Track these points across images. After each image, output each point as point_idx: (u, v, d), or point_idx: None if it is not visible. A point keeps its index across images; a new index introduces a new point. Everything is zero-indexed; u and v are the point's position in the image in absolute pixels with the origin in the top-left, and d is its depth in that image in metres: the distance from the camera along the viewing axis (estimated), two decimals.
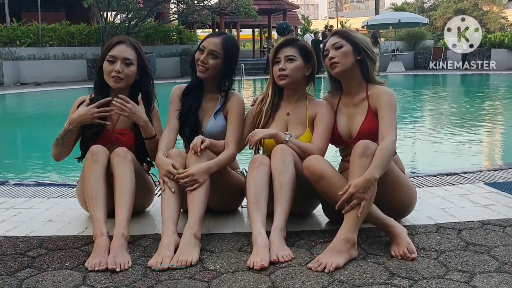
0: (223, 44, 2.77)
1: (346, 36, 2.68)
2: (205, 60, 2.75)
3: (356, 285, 1.99)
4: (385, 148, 2.40)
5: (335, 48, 2.66)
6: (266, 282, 2.03)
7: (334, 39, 2.69)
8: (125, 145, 2.74)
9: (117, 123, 2.82)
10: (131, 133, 2.81)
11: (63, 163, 3.07)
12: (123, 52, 2.72)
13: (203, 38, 2.87)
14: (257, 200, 2.43)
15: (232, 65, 2.84)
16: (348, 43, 2.66)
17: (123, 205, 2.44)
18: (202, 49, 2.78)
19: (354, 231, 2.28)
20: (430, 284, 1.98)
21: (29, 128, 9.39)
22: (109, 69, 2.70)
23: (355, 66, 2.68)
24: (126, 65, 2.71)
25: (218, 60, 2.76)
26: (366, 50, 2.68)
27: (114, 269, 2.15)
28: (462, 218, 2.76)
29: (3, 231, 2.69)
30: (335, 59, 2.64)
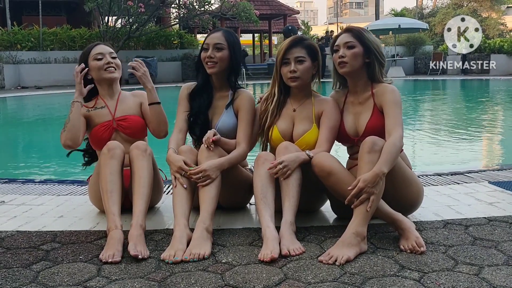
0: (225, 35, 2.83)
1: (360, 37, 2.69)
2: (212, 55, 2.79)
3: (367, 277, 2.03)
4: (392, 143, 2.44)
5: (347, 47, 2.68)
6: (279, 274, 2.07)
7: (347, 37, 2.71)
8: (129, 131, 2.92)
9: (115, 113, 2.95)
10: (132, 117, 2.96)
11: (68, 160, 3.12)
12: (105, 48, 2.98)
13: (204, 39, 2.92)
14: (264, 195, 2.47)
15: (237, 55, 2.87)
16: (360, 45, 2.68)
17: (141, 197, 2.48)
18: (206, 48, 2.82)
19: (364, 225, 2.32)
20: (440, 276, 2.01)
21: (30, 129, 9.42)
22: (100, 64, 2.92)
23: (363, 67, 2.73)
24: (113, 58, 2.97)
25: (225, 52, 2.80)
26: (376, 54, 2.70)
27: (136, 255, 2.19)
28: (468, 215, 2.80)
29: (15, 226, 2.72)
30: (344, 59, 2.67)
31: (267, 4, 25.07)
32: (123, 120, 2.94)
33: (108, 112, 2.96)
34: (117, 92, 3.04)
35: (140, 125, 2.96)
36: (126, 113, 2.98)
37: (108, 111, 2.96)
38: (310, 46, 2.81)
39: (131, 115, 2.97)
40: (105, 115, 2.95)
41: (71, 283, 2.02)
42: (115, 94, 3.02)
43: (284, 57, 2.77)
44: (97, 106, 2.97)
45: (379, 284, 1.96)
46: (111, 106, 2.98)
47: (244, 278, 2.04)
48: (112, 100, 3.00)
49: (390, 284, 1.96)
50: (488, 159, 5.87)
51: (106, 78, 2.93)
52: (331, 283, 1.99)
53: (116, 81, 3.01)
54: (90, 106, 2.97)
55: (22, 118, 11.86)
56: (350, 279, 2.02)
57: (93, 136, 2.93)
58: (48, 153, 6.77)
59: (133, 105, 3.02)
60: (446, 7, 40.63)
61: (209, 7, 20.13)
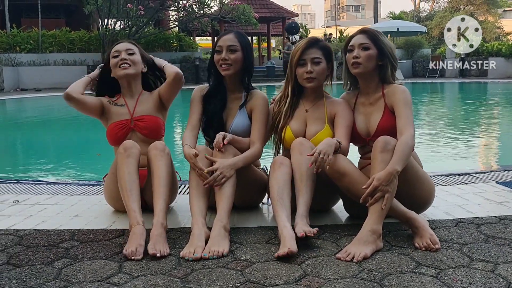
0: (237, 37, 2.86)
1: (375, 40, 2.73)
2: (226, 57, 2.81)
3: (385, 274, 2.07)
4: (405, 142, 2.49)
5: (362, 48, 2.72)
6: (298, 271, 2.10)
7: (363, 39, 2.75)
8: (146, 131, 2.94)
9: (134, 112, 2.98)
10: (149, 117, 2.99)
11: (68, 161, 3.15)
12: (124, 45, 3.01)
13: (216, 41, 2.93)
14: (280, 197, 2.51)
15: (250, 56, 2.91)
16: (374, 47, 2.72)
17: (161, 196, 2.52)
18: (219, 50, 2.84)
19: (379, 223, 2.36)
20: (457, 273, 2.05)
21: (30, 131, 9.43)
22: (115, 61, 2.95)
23: (375, 69, 2.77)
24: (129, 54, 2.97)
25: (238, 53, 2.83)
26: (390, 58, 2.75)
27: (154, 254, 2.23)
28: (479, 214, 2.85)
29: (33, 225, 2.75)
30: (358, 60, 2.71)
31: (266, 7, 25.15)
32: (141, 120, 2.97)
33: (127, 111, 2.99)
34: (138, 92, 3.05)
35: (157, 125, 2.99)
36: (144, 113, 3.00)
37: (127, 110, 3.00)
38: (326, 47, 2.85)
39: (148, 115, 2.99)
40: (124, 113, 2.99)
41: (94, 279, 2.05)
42: (135, 93, 3.04)
43: (300, 58, 2.80)
44: (117, 102, 3.03)
45: (397, 280, 2.00)
46: (130, 105, 3.01)
47: (264, 274, 2.07)
48: (132, 99, 3.03)
49: (409, 280, 2.00)
50: (494, 160, 5.93)
51: (120, 75, 2.96)
52: (350, 279, 2.03)
53: (133, 78, 3.00)
54: (113, 99, 3.04)
55: (21, 119, 11.87)
56: (368, 275, 2.06)
57: (109, 132, 2.98)
58: (47, 155, 6.80)
59: (152, 106, 3.03)
60: (443, 11, 40.82)
61: (208, 10, 20.19)
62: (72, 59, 20.63)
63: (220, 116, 2.90)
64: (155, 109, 3.04)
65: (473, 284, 1.95)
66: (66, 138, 8.48)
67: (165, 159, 2.65)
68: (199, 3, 19.91)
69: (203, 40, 38.01)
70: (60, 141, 8.12)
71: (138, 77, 3.04)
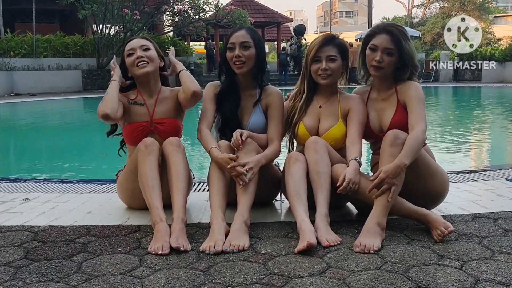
0: (249, 33, 2.83)
1: (399, 45, 2.69)
2: (240, 54, 2.78)
3: (409, 266, 2.06)
4: (415, 136, 2.49)
5: (386, 53, 2.69)
6: (321, 263, 2.09)
7: (388, 43, 2.69)
8: (165, 134, 2.82)
9: (154, 113, 2.88)
10: (169, 121, 2.88)
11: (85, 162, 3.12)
12: (138, 41, 2.89)
13: (228, 37, 2.88)
14: (297, 192, 2.50)
15: (263, 52, 2.89)
16: (397, 52, 2.70)
17: (180, 191, 2.50)
18: (232, 47, 2.81)
19: (384, 216, 2.39)
20: (481, 265, 2.05)
21: (25, 133, 9.37)
22: (131, 60, 2.83)
23: (393, 71, 2.77)
24: (144, 50, 2.84)
25: (252, 50, 2.80)
26: (410, 63, 2.73)
27: (178, 247, 2.21)
28: (494, 209, 2.85)
29: (47, 222, 2.72)
30: (381, 64, 2.70)
31: (261, 12, 25.19)
32: (161, 124, 2.86)
33: (147, 111, 2.87)
34: (157, 90, 2.93)
35: (176, 129, 2.90)
36: (164, 115, 2.89)
37: (147, 110, 2.88)
38: (341, 45, 2.85)
39: (169, 119, 2.89)
40: (143, 114, 2.87)
41: (116, 272, 2.03)
42: (154, 92, 2.92)
43: (315, 55, 2.80)
44: (136, 101, 2.90)
45: (422, 272, 1.99)
46: (150, 105, 2.89)
47: (287, 267, 2.06)
48: (151, 98, 2.91)
49: (434, 272, 1.99)
50: (501, 159, 5.97)
51: (139, 75, 2.83)
52: (375, 271, 2.02)
53: (152, 75, 2.87)
54: (131, 98, 2.90)
55: (15, 123, 11.78)
56: (392, 267, 2.05)
57: (128, 133, 2.88)
58: (52, 156, 6.76)
59: (171, 106, 2.92)
60: (435, 17, 41.01)
61: (204, 14, 20.18)
62: (67, 64, 20.52)
63: (236, 115, 2.87)
64: (174, 110, 2.91)
65: (498, 275, 1.95)
66: (68, 140, 8.44)
67: (181, 155, 2.63)
68: (195, 7, 19.91)
69: (196, 46, 37.99)
70: (63, 143, 8.07)
71: (157, 73, 2.92)
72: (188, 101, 2.83)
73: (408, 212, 2.50)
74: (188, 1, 19.90)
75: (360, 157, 2.67)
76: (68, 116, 12.75)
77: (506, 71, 21.54)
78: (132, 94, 2.93)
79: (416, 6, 45.39)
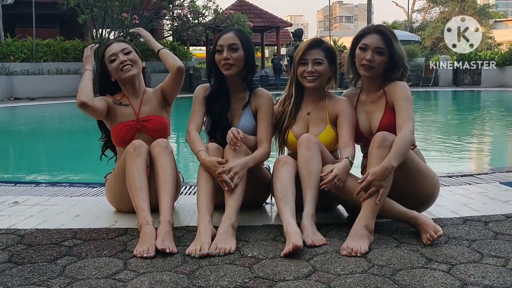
0: (237, 35, 2.81)
1: (390, 46, 2.68)
2: (228, 56, 2.75)
3: (396, 269, 2.04)
4: (402, 137, 2.47)
5: (377, 52, 2.68)
6: (307, 266, 2.07)
7: (379, 42, 2.68)
8: (153, 132, 2.85)
9: (139, 113, 2.89)
10: (156, 117, 2.90)
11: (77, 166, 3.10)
12: (118, 46, 2.89)
13: (216, 40, 2.85)
14: (284, 195, 2.48)
15: (252, 54, 2.86)
16: (388, 53, 2.68)
17: (167, 194, 2.48)
18: (220, 49, 2.78)
19: (372, 219, 2.36)
20: (469, 268, 2.03)
21: (23, 137, 9.36)
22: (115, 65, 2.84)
23: (383, 71, 2.75)
24: (126, 54, 2.87)
25: (240, 52, 2.77)
26: (400, 64, 2.71)
27: (164, 249, 2.19)
28: (486, 212, 2.82)
29: (33, 225, 2.70)
30: (372, 64, 2.68)
31: (260, 17, 25.19)
32: (147, 121, 2.88)
33: (132, 111, 2.90)
34: (141, 91, 2.96)
35: (163, 126, 2.91)
36: (150, 113, 2.91)
37: (133, 110, 2.90)
38: (329, 49, 2.83)
39: (155, 115, 2.91)
40: (129, 114, 2.90)
41: (99, 276, 2.01)
42: (139, 92, 2.95)
43: (302, 57, 2.78)
44: (122, 102, 2.91)
45: (409, 275, 1.97)
46: (135, 105, 2.92)
47: (273, 270, 2.03)
48: (136, 99, 2.93)
49: (420, 275, 1.97)
50: (495, 162, 5.95)
51: (125, 78, 2.85)
52: (361, 274, 1.99)
53: (136, 77, 2.90)
54: (117, 98, 2.92)
55: (12, 127, 11.78)
56: (379, 270, 2.02)
57: (116, 134, 2.88)
58: (45, 159, 6.74)
59: (156, 104, 2.96)
60: (435, 21, 41.07)
61: (203, 19, 20.20)
62: (66, 68, 20.53)
63: (226, 117, 2.85)
64: (160, 107, 2.96)
65: (486, 279, 1.92)
66: (65, 143, 8.43)
67: (169, 157, 2.61)
68: (194, 12, 19.94)
69: (197, 50, 38.05)
70: (57, 146, 8.06)
71: (141, 74, 2.96)
72: (174, 79, 2.91)
73: (398, 215, 2.48)
74: (187, 6, 19.93)
75: (353, 158, 2.65)
76: (66, 120, 12.73)
77: (506, 75, 21.51)
78: (118, 96, 2.95)
79: (416, 11, 45.47)
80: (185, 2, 20.10)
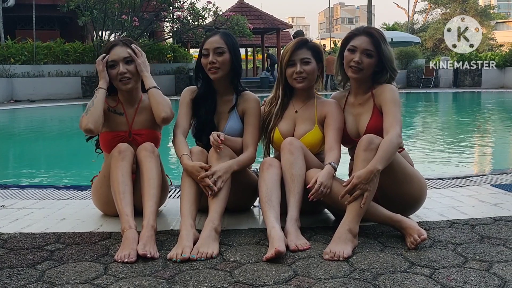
0: (223, 38, 2.78)
1: (378, 48, 2.66)
2: (214, 60, 2.73)
3: (377, 273, 2.01)
4: (389, 141, 2.44)
5: (366, 54, 2.66)
6: (288, 271, 2.05)
7: (368, 44, 2.66)
8: None
9: (133, 124, 2.83)
10: (148, 132, 2.82)
11: (69, 169, 3.08)
12: (120, 52, 2.75)
13: (202, 43, 2.83)
14: (269, 198, 2.46)
15: (238, 57, 2.84)
16: (377, 55, 2.67)
17: (151, 198, 2.46)
18: (206, 53, 2.76)
19: (356, 223, 2.34)
20: (451, 272, 2.00)
21: (23, 139, 9.36)
22: (114, 74, 2.74)
23: (371, 74, 2.73)
24: (127, 63, 2.74)
25: (226, 55, 2.75)
26: (389, 67, 2.70)
27: (145, 255, 2.17)
28: (474, 215, 2.80)
29: (18, 229, 2.68)
30: (360, 66, 2.66)
31: (260, 19, 25.15)
32: (139, 136, 2.80)
33: (126, 121, 2.82)
34: (137, 99, 2.87)
35: (154, 140, 2.82)
36: (143, 126, 2.83)
37: (126, 119, 2.82)
38: (315, 47, 2.81)
39: (147, 130, 2.83)
40: (122, 123, 2.82)
41: (78, 281, 1.99)
42: (135, 101, 2.86)
43: (290, 58, 2.77)
44: (116, 109, 2.84)
45: (390, 280, 1.94)
46: (129, 114, 2.83)
47: (253, 275, 2.01)
48: (131, 108, 2.85)
49: (402, 279, 1.94)
50: (488, 165, 5.93)
51: (121, 89, 2.79)
52: (342, 279, 1.97)
53: (135, 88, 2.81)
54: (112, 105, 2.83)
55: (10, 130, 11.78)
56: (360, 275, 2.00)
57: (105, 142, 2.82)
58: (37, 162, 6.74)
59: (150, 116, 2.81)
60: (436, 22, 41.02)
61: (203, 21, 20.19)
62: (66, 70, 20.55)
63: (212, 120, 2.83)
64: (154, 120, 2.80)
65: (467, 283, 1.90)
66: (56, 146, 8.42)
67: (154, 161, 2.59)
68: (194, 14, 19.94)
69: (197, 52, 38.10)
70: (52, 149, 8.05)
71: (139, 83, 2.84)
72: (159, 123, 2.79)
73: (382, 219, 2.46)
74: (187, 8, 19.93)
75: (337, 162, 2.63)
76: (65, 123, 12.73)
77: (506, 76, 21.46)
78: (113, 100, 2.87)
79: (417, 12, 45.45)
80: (185, 4, 20.10)
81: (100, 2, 18.80)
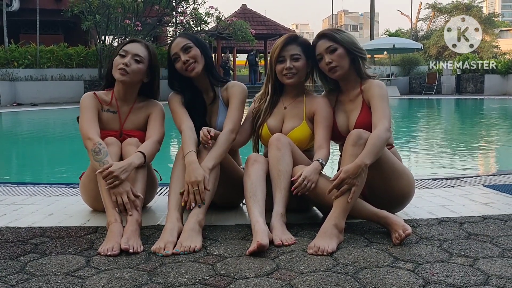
0: (185, 36, 2.79)
1: (337, 39, 2.68)
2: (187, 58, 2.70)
3: (360, 268, 2.00)
4: (377, 135, 2.43)
5: (330, 51, 2.67)
6: (271, 265, 2.04)
7: (326, 43, 2.69)
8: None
9: (124, 124, 2.82)
10: (140, 134, 2.80)
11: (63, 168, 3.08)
12: (136, 49, 2.73)
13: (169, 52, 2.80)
14: (253, 193, 2.45)
15: (206, 49, 2.81)
16: (340, 46, 2.68)
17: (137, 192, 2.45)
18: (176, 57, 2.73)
19: (343, 218, 2.32)
20: (435, 267, 1.99)
21: (23, 141, 9.39)
22: (118, 62, 2.71)
23: (350, 66, 2.73)
24: (135, 61, 2.71)
25: (195, 49, 2.72)
26: (354, 49, 2.70)
27: (127, 249, 2.16)
28: (463, 213, 2.78)
29: (4, 223, 2.68)
30: (333, 64, 2.67)
31: (263, 24, 25.25)
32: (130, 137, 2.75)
33: (118, 119, 2.80)
34: (132, 100, 2.84)
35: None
36: (135, 127, 2.81)
37: (118, 118, 2.80)
38: (305, 43, 2.81)
39: (139, 132, 2.80)
40: (115, 122, 2.80)
41: (59, 273, 1.98)
42: (129, 101, 2.83)
43: (279, 54, 2.76)
44: (110, 108, 2.81)
45: (372, 274, 1.93)
46: (123, 113, 2.81)
47: (235, 268, 2.00)
48: (125, 106, 2.82)
49: (384, 273, 1.93)
50: (482, 167, 5.91)
51: (115, 77, 2.73)
52: (324, 272, 1.96)
53: (127, 85, 2.76)
54: (106, 104, 2.80)
55: (9, 131, 11.82)
56: (343, 269, 1.99)
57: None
58: (31, 161, 6.74)
59: (143, 120, 2.83)
60: (440, 30, 41.02)
61: (205, 26, 20.28)
62: (69, 74, 20.65)
63: (204, 120, 2.82)
64: (146, 124, 2.82)
65: (450, 277, 1.88)
66: (56, 146, 8.44)
67: None
68: (196, 19, 20.02)
69: None
70: (54, 150, 8.07)
71: (135, 86, 2.82)
72: None
73: (368, 214, 2.44)
74: (190, 13, 20.01)
75: (326, 160, 2.62)
76: (66, 125, 12.75)
77: (509, 83, 21.44)
78: (106, 96, 2.83)
79: (421, 20, 45.46)
80: (188, 9, 20.19)
81: (104, 7, 18.92)
